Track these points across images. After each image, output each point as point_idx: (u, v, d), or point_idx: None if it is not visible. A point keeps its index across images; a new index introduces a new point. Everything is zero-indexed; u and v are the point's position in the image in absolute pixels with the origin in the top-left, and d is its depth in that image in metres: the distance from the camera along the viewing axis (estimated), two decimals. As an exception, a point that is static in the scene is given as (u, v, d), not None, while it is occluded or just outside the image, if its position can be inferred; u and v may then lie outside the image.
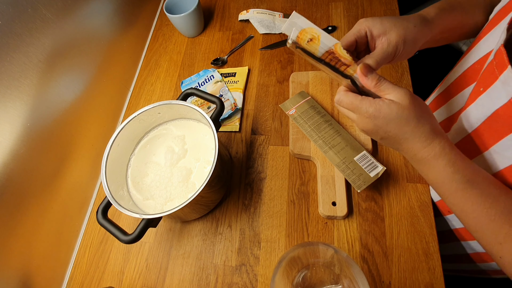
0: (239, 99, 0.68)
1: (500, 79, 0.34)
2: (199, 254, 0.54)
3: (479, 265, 0.55)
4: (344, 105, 0.38)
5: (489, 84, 0.37)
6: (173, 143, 0.54)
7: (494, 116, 0.37)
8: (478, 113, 0.40)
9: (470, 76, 0.46)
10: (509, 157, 0.36)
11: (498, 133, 0.36)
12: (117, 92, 0.72)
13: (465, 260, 0.56)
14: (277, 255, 0.52)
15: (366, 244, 0.50)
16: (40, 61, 0.49)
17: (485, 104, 0.38)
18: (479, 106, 0.40)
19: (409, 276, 0.47)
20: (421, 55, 1.08)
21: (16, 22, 0.44)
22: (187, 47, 0.80)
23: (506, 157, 0.37)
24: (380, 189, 0.54)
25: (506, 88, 0.34)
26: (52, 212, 0.54)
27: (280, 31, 0.77)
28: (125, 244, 0.43)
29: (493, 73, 0.35)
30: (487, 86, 0.37)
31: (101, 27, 0.65)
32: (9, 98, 0.44)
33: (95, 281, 0.55)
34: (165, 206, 0.49)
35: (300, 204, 0.55)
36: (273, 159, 0.60)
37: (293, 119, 0.60)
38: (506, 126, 0.35)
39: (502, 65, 0.34)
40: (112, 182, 0.47)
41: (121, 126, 0.49)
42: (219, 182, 0.52)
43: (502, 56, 0.34)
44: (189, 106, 0.50)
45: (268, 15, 0.78)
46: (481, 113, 0.39)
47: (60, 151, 0.55)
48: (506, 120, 0.35)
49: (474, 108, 0.41)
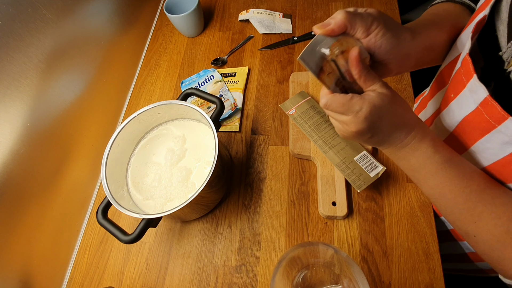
0: (239, 99, 0.68)
1: (467, 87, 0.35)
2: (199, 254, 0.54)
3: (477, 264, 0.55)
4: (333, 108, 0.35)
5: (458, 91, 0.37)
6: (173, 143, 0.54)
7: (465, 122, 0.38)
8: (450, 119, 0.41)
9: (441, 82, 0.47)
10: (486, 158, 0.37)
11: (472, 136, 0.37)
12: (117, 92, 0.72)
13: (463, 260, 0.56)
14: (277, 255, 0.52)
15: (366, 244, 0.50)
16: (40, 61, 0.49)
17: (455, 111, 0.39)
18: (450, 112, 0.41)
19: (409, 276, 0.47)
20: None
21: (16, 22, 0.44)
22: (187, 47, 0.80)
23: (484, 157, 0.37)
24: (380, 189, 0.54)
25: (473, 96, 0.34)
26: (52, 212, 0.54)
27: (280, 31, 0.77)
28: (125, 244, 0.43)
29: (461, 81, 0.36)
30: (457, 93, 0.38)
31: (101, 27, 0.65)
32: (9, 98, 0.44)
33: (95, 281, 0.55)
34: (165, 206, 0.49)
35: (300, 204, 0.55)
36: (273, 159, 0.60)
37: (293, 119, 0.60)
38: (477, 130, 0.36)
39: (469, 73, 0.34)
40: (112, 182, 0.47)
41: (121, 126, 0.49)
42: (219, 182, 0.52)
43: (467, 64, 0.34)
44: (189, 106, 0.50)
45: (268, 15, 0.78)
46: (452, 118, 0.40)
47: (60, 151, 0.55)
48: (476, 126, 0.36)
49: (446, 114, 0.42)
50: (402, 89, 0.63)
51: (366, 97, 0.33)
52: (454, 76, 0.39)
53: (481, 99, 0.33)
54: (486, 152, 0.36)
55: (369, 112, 0.33)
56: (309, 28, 0.76)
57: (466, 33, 0.40)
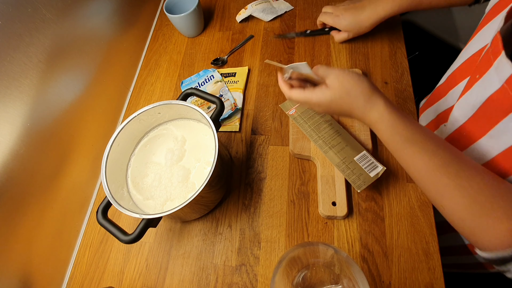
0: (239, 99, 0.68)
1: (494, 65, 0.36)
2: (199, 254, 0.54)
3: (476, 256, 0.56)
4: (295, 100, 0.46)
5: (484, 71, 0.38)
6: (173, 143, 0.54)
7: (489, 102, 0.38)
8: (473, 100, 0.42)
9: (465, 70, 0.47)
10: (505, 141, 0.38)
11: (493, 118, 0.38)
12: (117, 92, 0.72)
13: (463, 252, 0.57)
14: (277, 255, 0.52)
15: (366, 244, 0.50)
16: (40, 61, 0.49)
17: (479, 91, 0.40)
18: (473, 94, 0.41)
19: (409, 276, 0.47)
20: (421, 55, 1.08)
21: (16, 22, 0.44)
22: (187, 47, 0.80)
23: (502, 141, 0.38)
24: (380, 189, 0.54)
25: (499, 74, 0.35)
26: (52, 212, 0.54)
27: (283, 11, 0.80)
28: (125, 244, 0.43)
29: (489, 60, 0.37)
30: (482, 73, 0.39)
31: (101, 27, 0.65)
32: (9, 98, 0.44)
33: (95, 281, 0.55)
34: (165, 206, 0.49)
35: (300, 204, 0.55)
36: (273, 159, 0.60)
37: (293, 119, 0.60)
38: (500, 111, 0.37)
39: (497, 51, 0.35)
40: (112, 182, 0.47)
41: (121, 126, 0.49)
42: (219, 182, 0.52)
43: (497, 42, 0.35)
44: (189, 106, 0.50)
45: (265, 3, 0.80)
46: (476, 99, 0.41)
47: (60, 151, 0.55)
48: (500, 105, 0.37)
49: (469, 96, 0.43)
50: (402, 89, 0.63)
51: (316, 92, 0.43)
52: (482, 58, 0.40)
53: (506, 76, 0.33)
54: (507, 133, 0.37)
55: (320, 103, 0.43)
56: (309, 28, 0.76)
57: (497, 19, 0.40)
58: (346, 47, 0.71)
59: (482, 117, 0.41)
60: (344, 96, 0.41)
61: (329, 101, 0.42)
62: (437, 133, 0.56)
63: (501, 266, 0.33)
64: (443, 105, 0.54)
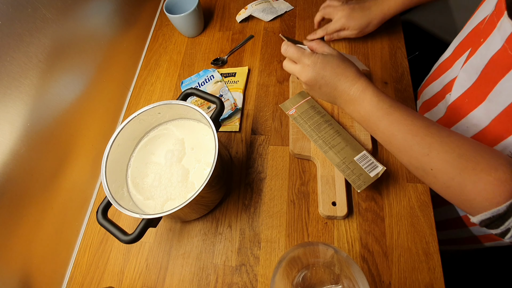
0: (239, 99, 0.68)
1: (497, 26, 0.37)
2: (199, 254, 0.54)
3: (471, 229, 0.57)
4: (289, 54, 0.47)
5: (488, 34, 0.39)
6: (173, 143, 0.54)
7: (491, 64, 0.39)
8: (477, 63, 0.42)
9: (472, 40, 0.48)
10: (501, 102, 0.39)
11: (493, 80, 0.39)
12: (117, 92, 0.72)
13: (457, 225, 0.59)
14: (277, 255, 0.52)
15: (366, 244, 0.50)
16: (40, 61, 0.49)
17: (483, 53, 0.41)
18: (478, 57, 0.42)
19: (409, 276, 0.47)
20: (421, 55, 1.08)
21: (16, 22, 0.44)
22: (187, 47, 0.80)
23: (498, 103, 0.39)
24: (380, 189, 0.54)
25: (501, 33, 0.36)
26: (52, 212, 0.54)
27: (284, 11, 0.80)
28: (125, 244, 0.43)
29: (493, 22, 0.38)
30: (486, 36, 0.40)
31: (101, 27, 0.65)
32: (9, 98, 0.44)
33: (95, 281, 0.55)
34: (165, 206, 0.49)
35: (300, 204, 0.55)
36: (273, 159, 0.60)
37: (293, 119, 0.60)
38: (500, 71, 0.37)
39: (500, 12, 0.36)
40: (112, 182, 0.47)
41: (121, 126, 0.49)
42: (219, 182, 0.52)
43: (501, 4, 0.36)
44: (189, 106, 0.50)
45: (265, 3, 0.80)
46: (480, 61, 0.42)
47: (60, 151, 0.55)
48: (499, 65, 0.37)
49: (473, 60, 0.44)
50: (402, 89, 0.63)
51: (314, 54, 0.44)
52: (487, 22, 0.41)
53: (507, 34, 0.34)
54: (503, 93, 0.38)
55: (314, 63, 0.44)
56: (309, 28, 0.76)
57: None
58: (346, 47, 0.71)
59: (484, 81, 0.41)
60: (335, 66, 0.44)
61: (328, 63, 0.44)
62: (441, 103, 0.57)
63: (501, 227, 0.32)
64: (449, 76, 0.55)
